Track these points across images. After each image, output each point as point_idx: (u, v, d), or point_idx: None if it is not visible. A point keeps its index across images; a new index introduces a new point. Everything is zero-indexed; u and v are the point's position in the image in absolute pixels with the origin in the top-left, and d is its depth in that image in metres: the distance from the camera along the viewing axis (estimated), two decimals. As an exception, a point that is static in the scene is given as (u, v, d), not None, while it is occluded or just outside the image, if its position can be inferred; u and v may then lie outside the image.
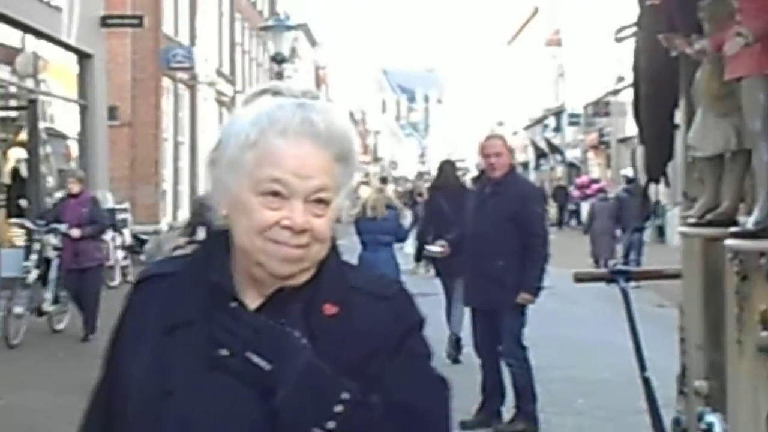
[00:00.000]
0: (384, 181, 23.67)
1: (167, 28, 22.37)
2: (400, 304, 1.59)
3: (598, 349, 9.71)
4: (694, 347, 3.49)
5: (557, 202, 35.39)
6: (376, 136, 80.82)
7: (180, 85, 23.71)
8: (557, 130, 43.50)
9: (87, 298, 10.59)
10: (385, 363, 1.51)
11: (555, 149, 43.07)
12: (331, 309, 1.52)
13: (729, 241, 2.68)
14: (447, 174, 10.07)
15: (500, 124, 54.38)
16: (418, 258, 16.76)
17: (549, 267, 7.07)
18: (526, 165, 49.40)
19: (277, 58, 17.76)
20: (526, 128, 51.31)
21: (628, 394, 6.12)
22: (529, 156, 49.77)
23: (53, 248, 10.56)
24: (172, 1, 23.09)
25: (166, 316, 1.54)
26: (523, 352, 6.88)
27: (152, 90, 21.46)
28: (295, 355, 1.46)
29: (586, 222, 19.50)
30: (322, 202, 1.50)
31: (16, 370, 8.87)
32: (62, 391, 7.50)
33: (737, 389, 2.88)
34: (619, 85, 28.22)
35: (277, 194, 1.48)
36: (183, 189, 23.75)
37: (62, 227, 10.42)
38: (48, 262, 10.59)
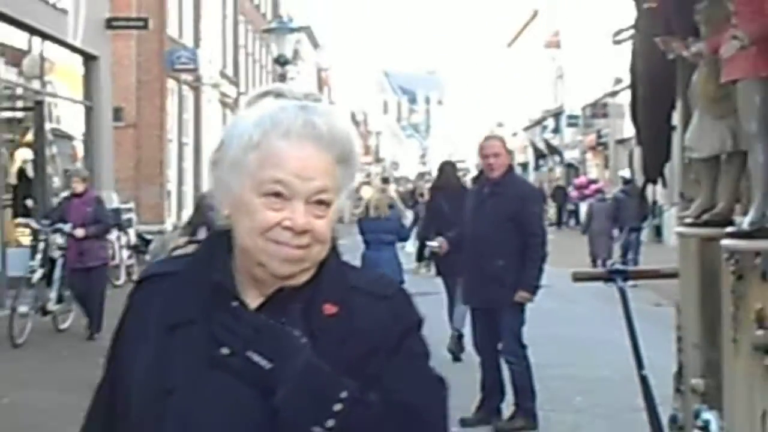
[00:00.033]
0: (386, 181, 23.67)
1: (172, 31, 22.39)
2: (399, 304, 1.59)
3: (596, 348, 9.71)
4: (691, 345, 3.51)
5: (556, 202, 35.33)
6: (378, 137, 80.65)
7: (184, 87, 23.72)
8: (556, 131, 43.41)
9: (92, 297, 10.60)
10: (384, 362, 1.52)
11: (554, 150, 42.98)
12: (330, 309, 1.53)
13: (725, 241, 2.70)
14: (448, 175, 10.11)
15: (500, 125, 54.37)
16: (420, 258, 16.86)
17: (548, 266, 7.10)
18: (525, 166, 49.32)
19: (280, 60, 17.77)
20: (525, 129, 51.19)
21: (626, 392, 6.13)
22: (528, 157, 49.68)
23: (58, 248, 10.58)
24: (177, 3, 23.10)
25: (167, 315, 1.54)
26: (523, 350, 6.90)
27: (157, 91, 21.50)
28: (295, 354, 1.47)
29: (584, 222, 19.47)
30: (323, 203, 1.51)
31: (21, 369, 8.89)
32: (66, 390, 7.52)
33: (733, 387, 2.90)
34: (617, 87, 28.19)
35: (279, 195, 1.49)
36: (187, 189, 23.74)
37: (66, 227, 10.42)
38: (53, 261, 10.61)
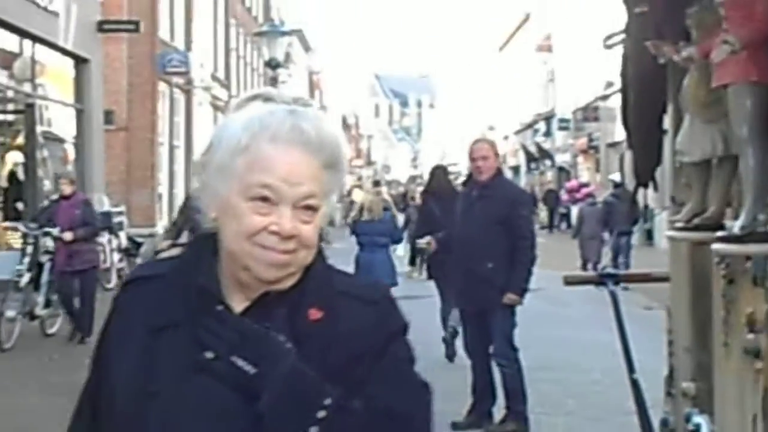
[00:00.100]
0: (377, 184, 23.68)
1: (163, 33, 22.37)
2: (384, 309, 1.58)
3: (587, 351, 9.72)
4: (682, 349, 3.51)
5: (547, 205, 35.42)
6: (369, 140, 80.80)
7: (176, 90, 23.69)
8: (547, 134, 43.53)
9: (82, 300, 10.55)
10: (369, 367, 1.51)
11: (545, 154, 43.11)
12: (315, 314, 1.52)
13: (716, 245, 2.70)
14: (439, 179, 10.13)
15: (491, 128, 54.48)
16: (413, 262, 16.87)
17: (539, 270, 7.11)
18: (517, 169, 49.45)
19: (272, 64, 17.77)
20: (516, 133, 51.31)
21: (617, 395, 6.14)
22: (519, 160, 49.80)
23: (45, 252, 10.52)
24: (168, 6, 23.09)
25: (152, 318, 1.54)
26: (514, 353, 6.89)
27: (148, 94, 21.47)
28: (280, 359, 1.46)
29: (575, 226, 19.54)
30: (310, 208, 1.50)
31: (9, 373, 8.86)
32: (54, 394, 7.49)
33: (724, 391, 2.90)
34: (608, 91, 28.28)
35: (266, 200, 1.48)
36: (178, 192, 23.70)
37: (54, 231, 10.36)
38: (40, 266, 10.55)
